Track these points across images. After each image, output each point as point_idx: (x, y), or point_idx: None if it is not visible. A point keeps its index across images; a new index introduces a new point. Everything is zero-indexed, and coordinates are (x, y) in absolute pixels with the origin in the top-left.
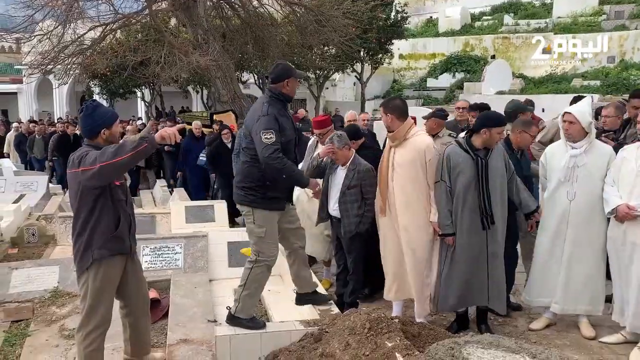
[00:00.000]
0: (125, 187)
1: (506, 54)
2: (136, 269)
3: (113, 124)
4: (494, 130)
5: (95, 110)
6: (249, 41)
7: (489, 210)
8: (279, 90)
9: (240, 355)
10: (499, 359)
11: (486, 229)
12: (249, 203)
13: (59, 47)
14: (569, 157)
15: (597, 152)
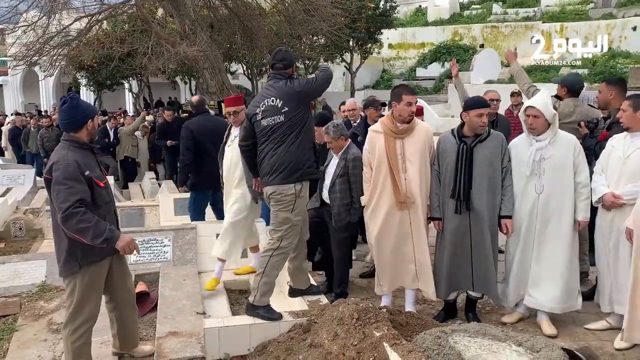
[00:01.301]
0: (108, 186)
1: (495, 43)
2: (122, 263)
3: (95, 115)
4: (471, 113)
5: (79, 102)
6: (237, 31)
7: (463, 195)
8: (288, 73)
9: (229, 347)
10: (485, 347)
11: (463, 214)
12: (297, 180)
13: (44, 38)
14: (535, 150)
15: (562, 142)
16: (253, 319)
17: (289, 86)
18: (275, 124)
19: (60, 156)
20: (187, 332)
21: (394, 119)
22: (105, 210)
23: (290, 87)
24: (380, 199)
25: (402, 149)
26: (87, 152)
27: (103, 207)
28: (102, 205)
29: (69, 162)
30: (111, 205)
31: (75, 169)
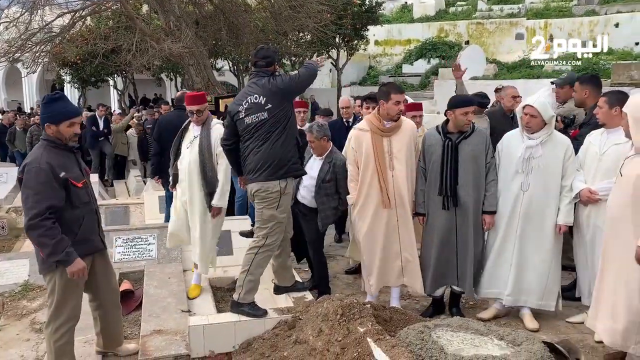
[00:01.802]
0: (88, 186)
1: (480, 39)
2: (105, 261)
3: (77, 117)
4: (457, 112)
5: (64, 98)
6: (222, 28)
7: (450, 191)
8: (271, 72)
9: (214, 345)
10: (468, 341)
11: (450, 210)
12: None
13: (27, 34)
14: (525, 148)
15: (554, 143)
16: (238, 316)
17: (272, 83)
18: (259, 121)
19: (33, 157)
20: (172, 330)
21: (381, 117)
22: (84, 211)
23: (274, 84)
24: (368, 197)
25: (389, 146)
26: (64, 152)
27: (81, 207)
28: (80, 205)
29: (41, 166)
30: (92, 204)
31: (47, 174)
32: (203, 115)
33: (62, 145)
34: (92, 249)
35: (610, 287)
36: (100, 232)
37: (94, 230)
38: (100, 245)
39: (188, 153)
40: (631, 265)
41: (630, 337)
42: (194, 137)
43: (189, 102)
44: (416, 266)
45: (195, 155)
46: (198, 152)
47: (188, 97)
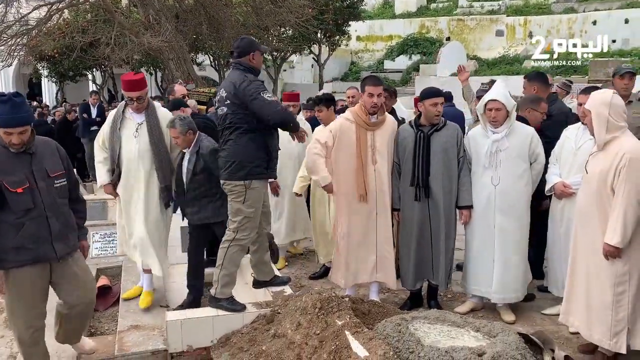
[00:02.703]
0: (36, 192)
1: (461, 35)
2: (70, 272)
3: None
4: (426, 102)
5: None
6: (203, 22)
7: (422, 182)
8: (246, 62)
9: (192, 339)
10: (445, 333)
11: (422, 202)
12: (243, 179)
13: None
14: (491, 142)
15: (518, 134)
16: (216, 311)
17: (239, 86)
18: (223, 115)
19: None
20: (149, 326)
21: (366, 110)
22: (26, 218)
23: (239, 88)
24: (346, 189)
25: (373, 140)
26: (11, 154)
27: (19, 214)
28: (18, 212)
29: None
30: (40, 211)
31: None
32: (144, 102)
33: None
34: (37, 258)
35: (581, 281)
36: (55, 241)
37: (39, 239)
38: (51, 255)
39: (134, 143)
40: (601, 260)
41: (605, 333)
42: (138, 124)
43: (128, 88)
44: (391, 263)
45: (145, 145)
46: (149, 141)
47: (126, 82)
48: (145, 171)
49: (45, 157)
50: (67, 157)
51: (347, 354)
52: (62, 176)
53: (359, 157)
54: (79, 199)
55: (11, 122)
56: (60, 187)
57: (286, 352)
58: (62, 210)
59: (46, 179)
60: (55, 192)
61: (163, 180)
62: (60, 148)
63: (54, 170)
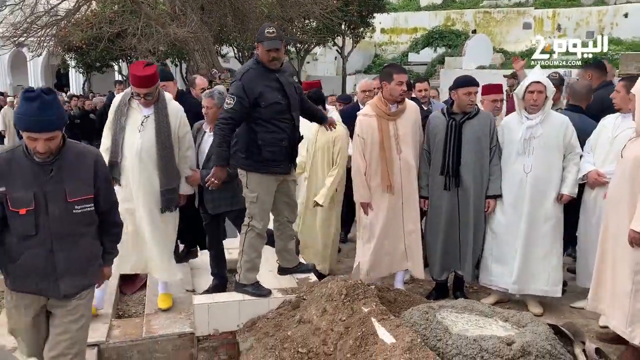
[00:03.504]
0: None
1: (487, 28)
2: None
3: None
4: (460, 91)
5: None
6: (228, 13)
7: (452, 171)
8: (256, 57)
9: (219, 323)
10: (472, 322)
11: (452, 191)
12: (241, 166)
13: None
14: (525, 128)
15: (553, 122)
16: (242, 296)
17: (242, 75)
18: None
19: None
20: (176, 309)
21: (386, 100)
22: (25, 245)
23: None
24: (373, 182)
25: (395, 130)
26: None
27: (20, 239)
28: (17, 236)
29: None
30: (42, 242)
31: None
32: (154, 98)
33: (30, 155)
34: (36, 291)
35: (609, 266)
36: (61, 278)
37: (38, 272)
38: (54, 293)
39: (138, 137)
40: (625, 246)
41: (621, 320)
42: (144, 117)
43: (138, 84)
44: (419, 252)
45: (149, 141)
46: (155, 138)
47: (136, 78)
48: (145, 171)
49: (70, 175)
50: (106, 176)
51: (374, 340)
52: (87, 201)
53: (382, 148)
54: (115, 223)
55: (36, 126)
56: (83, 213)
57: (311, 337)
58: (79, 242)
59: (62, 203)
60: (73, 220)
61: (166, 183)
62: (101, 163)
63: (77, 193)
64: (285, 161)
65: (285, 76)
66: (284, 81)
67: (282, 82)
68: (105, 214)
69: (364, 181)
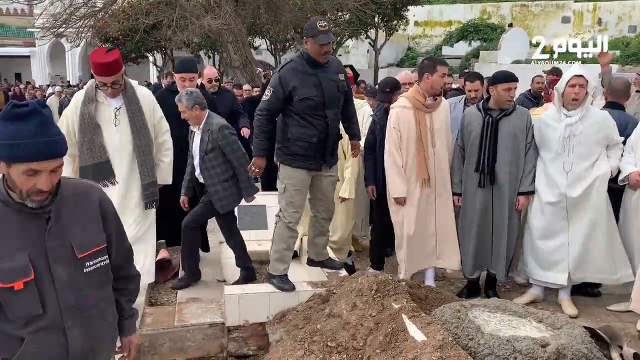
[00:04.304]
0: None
1: (524, 22)
2: None
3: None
4: (499, 87)
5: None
6: (261, 5)
7: (488, 168)
8: (303, 51)
9: (249, 314)
10: (505, 322)
11: (486, 188)
12: (277, 157)
13: (71, 9)
14: (564, 126)
15: (592, 118)
16: (272, 288)
17: (281, 68)
18: None
19: None
20: (207, 299)
21: (424, 92)
22: (27, 330)
23: (279, 69)
24: (409, 176)
25: (431, 123)
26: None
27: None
28: (13, 321)
29: None
30: (52, 319)
31: None
32: (120, 86)
33: (12, 203)
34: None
35: None
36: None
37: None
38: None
39: (115, 132)
40: None
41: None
42: (115, 109)
43: (100, 72)
44: (453, 245)
45: (126, 135)
46: (130, 129)
47: (97, 65)
48: (125, 165)
49: (74, 221)
50: (116, 216)
51: (404, 337)
52: (100, 253)
53: (419, 140)
54: (132, 277)
55: (43, 150)
56: (97, 271)
57: (341, 331)
58: (92, 312)
59: (70, 263)
60: (85, 283)
61: (147, 176)
62: (107, 200)
63: (88, 245)
64: (315, 157)
65: (329, 73)
66: (323, 78)
67: (320, 78)
68: (119, 268)
69: (402, 175)
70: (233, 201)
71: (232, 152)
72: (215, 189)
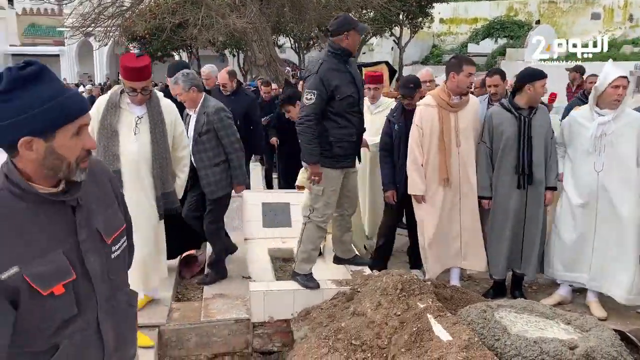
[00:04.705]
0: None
1: (552, 19)
2: None
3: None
4: (537, 84)
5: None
6: (285, 4)
7: (527, 169)
8: (337, 44)
9: (274, 311)
10: (532, 323)
11: (523, 189)
12: (306, 161)
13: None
14: (597, 125)
15: (626, 118)
16: (297, 285)
17: (307, 71)
18: None
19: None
20: (233, 295)
21: (450, 91)
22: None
23: (306, 72)
24: (431, 175)
25: (456, 122)
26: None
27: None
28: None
29: None
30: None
31: None
32: (149, 93)
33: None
34: None
35: None
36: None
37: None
38: None
39: (134, 141)
40: None
41: None
42: (138, 117)
43: (131, 77)
44: (478, 248)
45: (144, 145)
46: (150, 140)
47: (129, 70)
48: (141, 177)
49: (95, 203)
50: (122, 194)
51: (429, 336)
52: (122, 234)
53: (441, 139)
54: (132, 247)
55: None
56: (122, 252)
57: (365, 330)
58: (118, 298)
59: (101, 251)
60: (114, 268)
61: (162, 187)
62: (113, 175)
63: (112, 228)
64: (353, 155)
65: (353, 68)
66: (354, 72)
67: (353, 74)
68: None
69: (421, 172)
70: (221, 188)
71: (226, 136)
72: (205, 173)
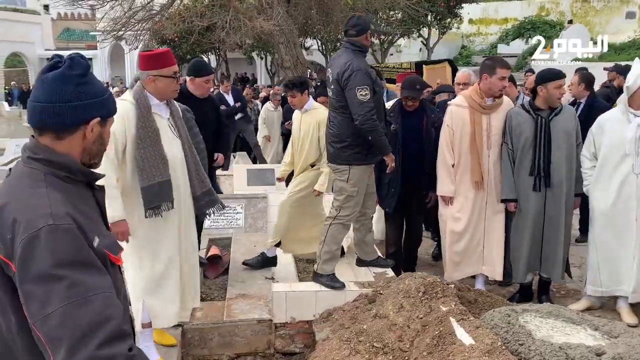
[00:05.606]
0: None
1: (585, 18)
2: None
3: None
4: (550, 85)
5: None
6: (313, 6)
7: (544, 171)
8: (361, 42)
9: (296, 311)
10: (558, 328)
11: (541, 191)
12: (347, 161)
13: (130, 13)
14: (635, 126)
15: None
16: (319, 286)
17: (344, 70)
18: (331, 97)
19: (33, 207)
20: (255, 295)
21: (482, 93)
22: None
23: (344, 71)
24: (461, 178)
25: (488, 124)
26: (81, 190)
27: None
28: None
29: (59, 224)
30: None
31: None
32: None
33: (78, 172)
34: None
35: None
36: None
37: None
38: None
39: (176, 145)
40: None
41: None
42: (167, 120)
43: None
44: (498, 253)
45: (178, 145)
46: (181, 139)
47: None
48: (185, 181)
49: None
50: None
51: (451, 340)
52: None
53: (473, 141)
54: None
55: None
56: None
57: (387, 333)
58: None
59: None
60: None
61: (200, 186)
62: None
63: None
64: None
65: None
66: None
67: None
68: None
69: (451, 173)
70: None
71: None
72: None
